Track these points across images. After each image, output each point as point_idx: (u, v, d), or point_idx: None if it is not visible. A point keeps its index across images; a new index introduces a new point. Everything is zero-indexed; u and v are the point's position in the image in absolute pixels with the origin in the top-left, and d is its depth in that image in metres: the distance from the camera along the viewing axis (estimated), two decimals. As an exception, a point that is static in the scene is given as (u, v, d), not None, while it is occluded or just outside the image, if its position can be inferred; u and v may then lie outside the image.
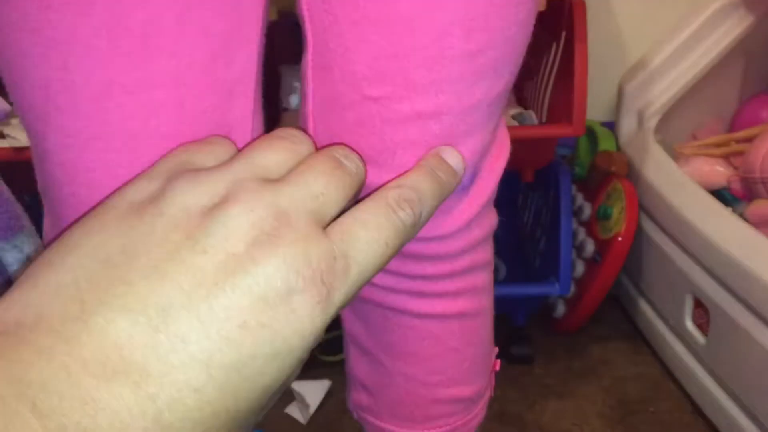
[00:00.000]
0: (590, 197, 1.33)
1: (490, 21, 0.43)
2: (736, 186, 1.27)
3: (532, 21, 0.46)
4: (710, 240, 1.06)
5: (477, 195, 0.52)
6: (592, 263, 1.26)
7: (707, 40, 1.34)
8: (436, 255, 0.54)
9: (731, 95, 1.43)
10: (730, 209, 1.13)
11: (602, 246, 1.24)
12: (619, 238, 1.21)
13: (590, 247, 1.26)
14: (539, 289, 1.21)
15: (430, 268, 0.55)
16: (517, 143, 0.58)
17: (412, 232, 0.32)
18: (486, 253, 0.58)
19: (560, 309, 1.30)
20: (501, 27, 0.44)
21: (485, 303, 0.61)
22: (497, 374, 0.71)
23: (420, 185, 0.34)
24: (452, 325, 0.59)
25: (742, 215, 1.13)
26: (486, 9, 0.42)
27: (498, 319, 0.68)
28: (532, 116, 1.22)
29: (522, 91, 1.35)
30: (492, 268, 0.61)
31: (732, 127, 1.43)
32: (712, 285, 1.07)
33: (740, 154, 1.29)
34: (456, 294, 0.57)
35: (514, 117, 1.22)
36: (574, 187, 1.37)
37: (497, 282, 1.18)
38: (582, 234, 1.30)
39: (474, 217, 0.52)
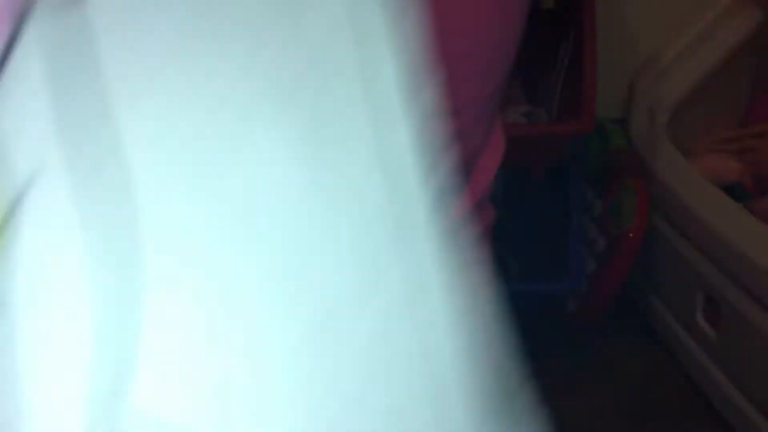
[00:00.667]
0: (601, 194, 1.33)
1: (477, 24, 0.44)
2: (749, 182, 1.26)
3: (521, 25, 0.47)
4: (721, 236, 1.06)
5: (469, 194, 0.53)
6: (603, 259, 1.26)
7: (719, 35, 1.34)
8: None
9: (743, 90, 1.42)
10: (741, 205, 1.13)
11: (614, 242, 1.24)
12: (630, 235, 1.21)
13: (601, 243, 1.27)
14: (551, 286, 1.22)
15: None
16: (526, 141, 0.58)
17: None
18: (480, 252, 0.59)
19: (571, 305, 1.30)
20: (488, 30, 0.45)
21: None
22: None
23: None
24: None
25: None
26: (474, 13, 0.43)
27: (509, 316, 0.68)
28: (542, 114, 1.23)
29: (534, 89, 1.35)
30: (488, 267, 0.62)
31: (744, 123, 1.42)
32: (723, 281, 1.06)
33: (753, 149, 1.28)
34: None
35: (523, 115, 1.23)
36: (585, 184, 1.37)
37: (510, 279, 1.18)
38: (593, 230, 1.30)
39: (466, 215, 0.53)
